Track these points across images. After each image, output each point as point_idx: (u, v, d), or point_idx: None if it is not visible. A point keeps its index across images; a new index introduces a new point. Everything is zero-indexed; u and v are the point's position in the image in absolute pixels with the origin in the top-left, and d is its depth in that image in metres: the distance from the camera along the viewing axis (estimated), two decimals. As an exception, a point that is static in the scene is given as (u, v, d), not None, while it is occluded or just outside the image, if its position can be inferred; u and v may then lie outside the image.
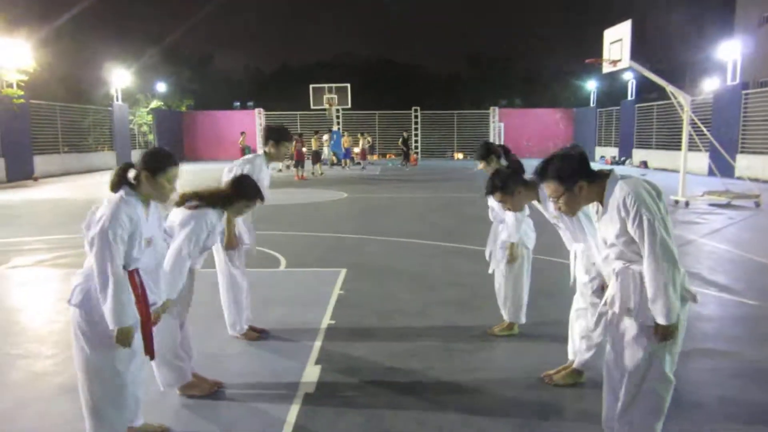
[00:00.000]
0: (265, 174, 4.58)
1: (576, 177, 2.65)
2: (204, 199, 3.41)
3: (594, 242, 3.21)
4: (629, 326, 2.66)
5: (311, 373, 3.89)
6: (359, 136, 26.91)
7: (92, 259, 2.62)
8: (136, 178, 2.75)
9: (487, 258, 4.85)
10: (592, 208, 2.84)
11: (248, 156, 4.59)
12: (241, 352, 4.33)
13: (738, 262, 7.38)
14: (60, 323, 5.06)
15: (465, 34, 73.60)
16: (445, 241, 8.61)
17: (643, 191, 2.52)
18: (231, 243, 4.36)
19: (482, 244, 8.39)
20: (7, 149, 19.60)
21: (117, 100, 26.97)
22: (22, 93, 19.00)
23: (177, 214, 3.40)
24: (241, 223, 4.49)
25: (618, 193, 2.56)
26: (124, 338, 2.64)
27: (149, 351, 2.88)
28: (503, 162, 4.61)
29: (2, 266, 7.21)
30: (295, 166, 20.57)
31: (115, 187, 2.73)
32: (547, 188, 2.73)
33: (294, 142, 21.79)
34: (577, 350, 3.76)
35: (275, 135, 4.58)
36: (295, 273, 6.80)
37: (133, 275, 2.75)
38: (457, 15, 72.69)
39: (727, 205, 12.27)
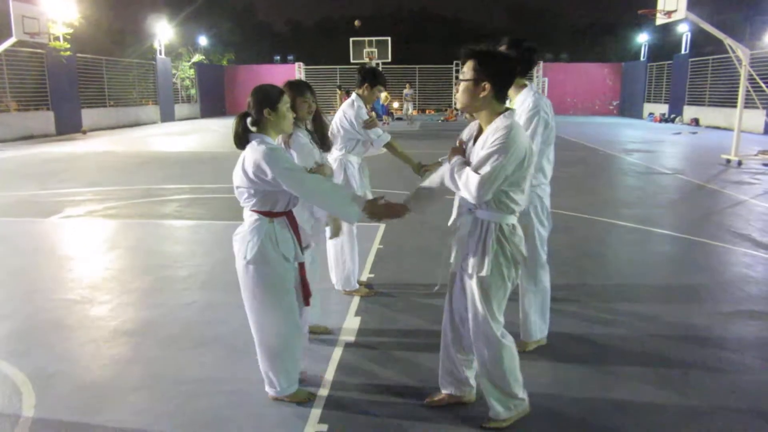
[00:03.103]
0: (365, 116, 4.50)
1: (489, 76, 2.48)
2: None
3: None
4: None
5: (351, 325, 3.99)
6: (406, 88, 26.19)
7: (294, 189, 2.64)
8: (258, 122, 2.77)
9: None
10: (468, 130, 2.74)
11: (349, 100, 4.48)
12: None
13: (791, 225, 7.10)
14: (112, 270, 5.29)
15: (510, -16, 70.79)
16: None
17: (519, 139, 2.42)
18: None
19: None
20: (56, 103, 20.16)
21: (160, 54, 27.24)
22: (69, 45, 19.36)
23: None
24: (355, 176, 4.47)
25: (500, 125, 2.46)
26: (376, 212, 2.78)
27: (306, 296, 2.98)
28: None
29: (55, 216, 7.52)
30: None
31: (242, 140, 2.77)
32: (464, 65, 2.54)
33: (343, 94, 21.54)
34: None
35: (371, 78, 4.46)
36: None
37: (292, 217, 2.85)
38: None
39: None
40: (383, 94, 25.76)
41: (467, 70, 2.53)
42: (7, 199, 8.66)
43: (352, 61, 28.74)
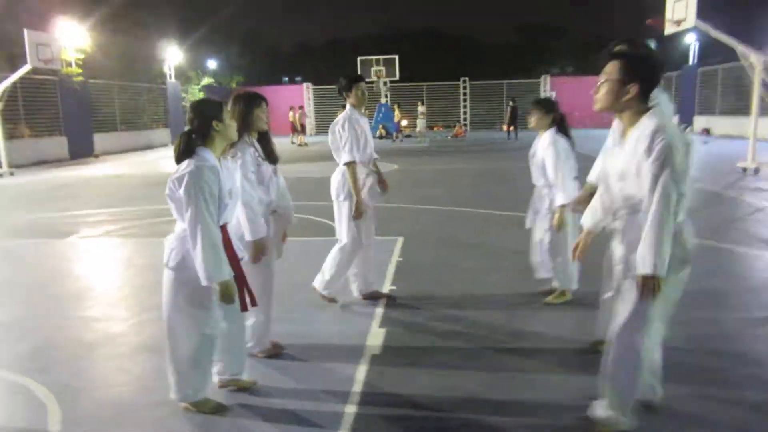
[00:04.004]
0: (366, 126, 4.47)
1: (638, 78, 2.43)
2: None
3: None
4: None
5: (376, 337, 3.92)
6: (419, 105, 26.08)
7: (185, 219, 2.67)
8: (205, 136, 2.78)
9: (527, 224, 4.72)
10: (616, 132, 2.64)
11: (343, 114, 4.45)
12: (304, 316, 4.38)
13: (816, 229, 6.98)
14: (130, 288, 5.26)
15: (513, 1, 71.42)
16: (500, 210, 8.47)
17: (675, 136, 2.36)
18: (359, 210, 4.31)
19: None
20: (69, 128, 20.40)
21: (170, 77, 27.57)
22: (81, 71, 19.62)
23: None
24: (366, 188, 4.43)
25: (649, 126, 2.39)
26: (226, 293, 2.72)
27: (244, 305, 2.95)
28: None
29: (73, 236, 7.53)
30: None
31: (182, 154, 2.75)
32: (608, 66, 2.49)
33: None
34: None
35: (346, 83, 4.41)
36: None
37: (225, 231, 2.82)
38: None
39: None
40: (395, 112, 25.92)
41: (613, 71, 2.47)
42: (24, 221, 8.70)
43: (360, 79, 28.91)
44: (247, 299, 2.98)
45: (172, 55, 27.44)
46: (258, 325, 3.54)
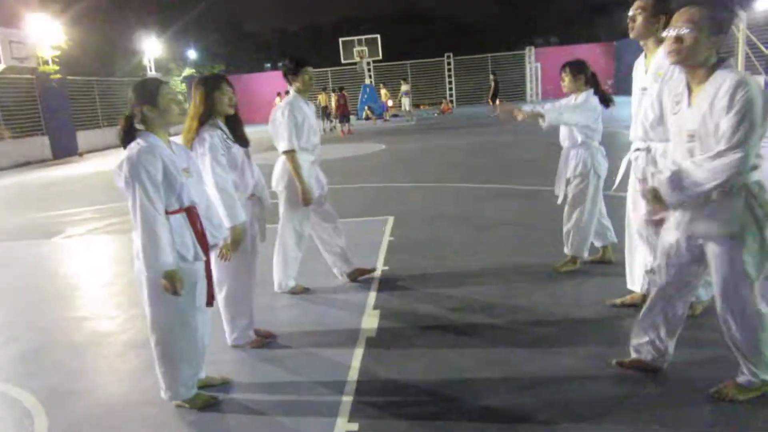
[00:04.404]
0: (310, 113, 4.32)
1: (717, 29, 2.34)
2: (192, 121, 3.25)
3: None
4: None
5: (371, 319, 3.83)
6: (402, 84, 25.67)
7: (130, 208, 2.56)
8: (142, 119, 2.65)
9: (556, 191, 4.58)
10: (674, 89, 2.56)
11: (285, 99, 4.27)
12: (294, 303, 4.28)
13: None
14: (118, 285, 5.15)
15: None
16: (490, 183, 8.39)
17: (759, 92, 2.24)
18: (307, 197, 4.16)
19: (529, 183, 8.26)
20: (50, 127, 20.02)
21: (150, 70, 27.13)
22: (58, 68, 19.24)
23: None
24: (305, 174, 4.23)
25: (729, 81, 2.27)
26: (170, 284, 2.57)
27: (209, 297, 2.84)
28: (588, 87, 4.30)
29: (58, 236, 7.38)
30: (340, 121, 20.39)
31: (125, 140, 2.64)
32: (686, 13, 2.37)
33: (334, 94, 21.28)
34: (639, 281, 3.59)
35: (291, 66, 4.19)
36: (342, 223, 6.65)
37: (192, 213, 2.70)
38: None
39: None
40: (383, 92, 25.67)
41: (690, 19, 2.35)
42: (8, 224, 8.54)
43: (343, 61, 28.61)
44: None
45: (151, 47, 26.97)
46: (238, 315, 3.45)
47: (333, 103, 21.83)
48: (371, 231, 6.13)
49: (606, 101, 4.33)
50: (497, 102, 23.64)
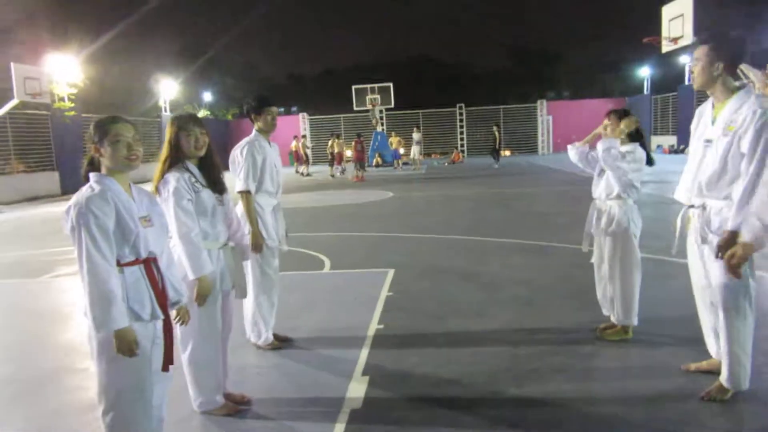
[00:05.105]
0: (273, 154, 4.07)
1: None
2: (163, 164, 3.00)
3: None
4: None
5: (358, 387, 3.43)
6: (414, 132, 25.43)
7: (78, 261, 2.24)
8: (98, 159, 2.37)
9: (584, 248, 4.18)
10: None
11: (247, 138, 4.03)
12: (277, 364, 3.88)
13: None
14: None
15: (507, 28, 72.21)
16: (498, 237, 8.04)
17: None
18: (257, 243, 3.84)
19: (540, 238, 7.90)
20: (61, 163, 20.07)
21: (165, 111, 27.40)
22: (73, 105, 19.40)
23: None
24: (267, 219, 3.99)
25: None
26: (122, 344, 2.23)
27: (166, 362, 2.47)
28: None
29: (46, 275, 7.08)
30: (356, 168, 20.27)
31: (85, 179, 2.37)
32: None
33: (354, 143, 21.37)
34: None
35: (255, 104, 4.00)
36: (339, 275, 6.38)
37: (150, 266, 2.37)
38: (496, 9, 71.36)
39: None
40: (395, 139, 25.64)
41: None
42: (0, 260, 8.28)
43: (355, 108, 28.81)
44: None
45: (167, 88, 27.34)
46: (203, 378, 3.08)
47: (337, 149, 21.89)
48: (369, 284, 5.76)
49: (649, 160, 3.99)
50: (501, 153, 23.56)
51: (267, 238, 3.94)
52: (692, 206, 3.13)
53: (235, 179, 3.93)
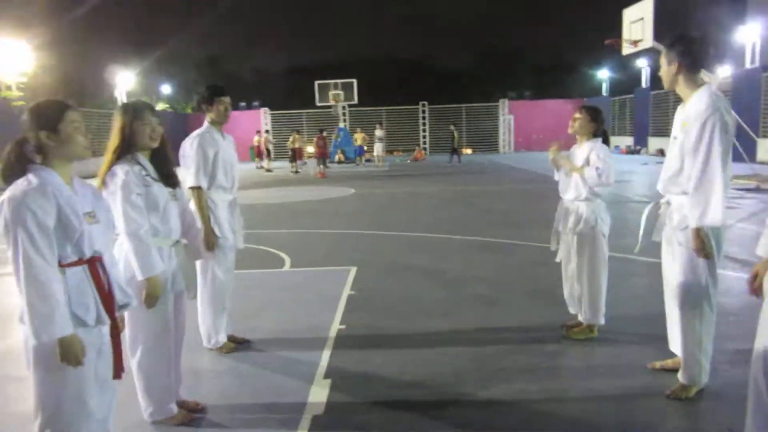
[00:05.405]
0: (226, 147, 3.89)
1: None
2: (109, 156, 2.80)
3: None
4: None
5: (320, 391, 3.29)
6: (377, 129, 25.25)
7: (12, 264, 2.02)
8: (39, 148, 2.14)
9: (552, 247, 4.13)
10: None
11: (197, 131, 3.85)
12: (233, 368, 3.69)
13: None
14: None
15: (471, 27, 72.78)
16: (461, 234, 7.99)
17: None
18: (209, 241, 3.66)
19: (503, 236, 7.90)
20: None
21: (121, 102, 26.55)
22: (21, 94, 18.56)
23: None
24: (221, 216, 3.81)
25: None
26: (68, 353, 2.03)
27: (117, 370, 2.28)
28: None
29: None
30: (318, 163, 20.07)
31: (10, 175, 2.10)
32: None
33: (316, 138, 21.17)
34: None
35: (206, 94, 3.82)
36: (299, 273, 6.20)
37: (95, 266, 2.17)
38: (461, 9, 71.87)
39: (756, 189, 11.69)
40: (360, 136, 25.41)
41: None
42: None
43: (318, 104, 28.51)
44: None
45: (123, 79, 26.47)
46: (154, 385, 2.89)
47: (297, 144, 21.70)
48: (330, 282, 5.62)
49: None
50: (461, 151, 23.77)
51: (220, 236, 3.75)
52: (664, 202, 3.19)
53: (185, 174, 3.73)
